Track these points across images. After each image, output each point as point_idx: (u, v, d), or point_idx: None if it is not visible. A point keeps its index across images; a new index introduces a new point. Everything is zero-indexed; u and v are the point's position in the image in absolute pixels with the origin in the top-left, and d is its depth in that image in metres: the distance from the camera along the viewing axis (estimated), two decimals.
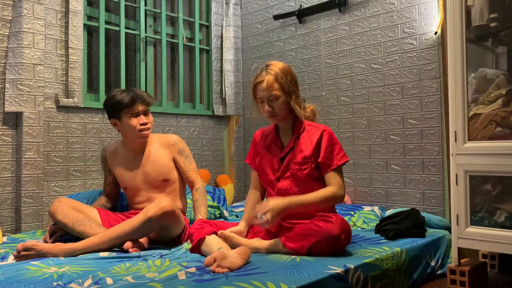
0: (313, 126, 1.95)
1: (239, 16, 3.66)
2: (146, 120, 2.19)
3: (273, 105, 1.88)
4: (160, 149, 2.26)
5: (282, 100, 1.87)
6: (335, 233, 1.68)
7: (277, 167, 1.95)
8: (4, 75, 2.44)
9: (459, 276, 1.91)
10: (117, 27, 3.01)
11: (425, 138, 2.61)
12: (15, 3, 2.46)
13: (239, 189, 3.59)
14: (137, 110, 2.16)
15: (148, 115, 2.22)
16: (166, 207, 1.89)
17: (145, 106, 2.19)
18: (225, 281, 1.40)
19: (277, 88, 1.86)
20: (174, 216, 1.94)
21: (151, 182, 2.22)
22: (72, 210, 2.02)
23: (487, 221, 1.87)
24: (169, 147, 2.27)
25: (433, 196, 2.57)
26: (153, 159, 2.24)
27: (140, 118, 2.17)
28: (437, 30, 2.53)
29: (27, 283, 1.42)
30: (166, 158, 2.26)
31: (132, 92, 2.18)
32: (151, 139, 2.28)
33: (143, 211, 1.90)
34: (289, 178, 1.92)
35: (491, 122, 1.88)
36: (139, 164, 2.24)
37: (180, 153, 2.29)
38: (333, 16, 3.05)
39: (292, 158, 1.92)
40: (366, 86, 2.87)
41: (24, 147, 2.46)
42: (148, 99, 2.21)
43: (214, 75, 3.52)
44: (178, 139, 2.32)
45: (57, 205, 2.03)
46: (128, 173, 2.24)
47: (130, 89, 2.21)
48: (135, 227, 1.87)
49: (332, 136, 1.91)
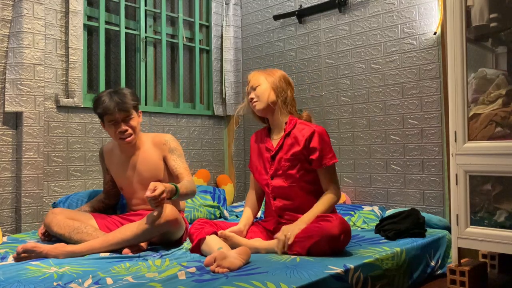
0: (304, 124, 1.98)
1: (239, 16, 3.66)
2: (125, 127, 2.09)
3: (255, 92, 1.98)
4: (152, 150, 2.20)
5: (263, 87, 1.97)
6: (335, 232, 1.68)
7: (269, 165, 1.98)
8: (4, 75, 2.44)
9: (459, 276, 1.91)
10: (117, 27, 3.01)
11: (425, 138, 2.61)
12: (15, 3, 2.46)
13: (239, 189, 3.59)
14: (115, 118, 2.08)
15: (129, 122, 2.10)
16: (169, 216, 1.87)
17: (124, 113, 2.08)
18: (225, 281, 1.40)
19: (261, 79, 2.00)
20: (176, 223, 1.93)
21: (145, 183, 2.17)
22: (66, 219, 2.00)
23: (487, 221, 1.87)
24: (161, 147, 2.19)
25: (433, 196, 2.57)
26: (145, 160, 2.19)
27: (118, 126, 2.09)
28: (436, 30, 2.53)
29: (27, 283, 1.42)
30: (158, 159, 2.19)
31: (114, 98, 2.06)
32: (144, 139, 2.23)
33: (145, 218, 1.88)
34: (282, 175, 1.95)
35: (491, 122, 1.88)
36: (132, 165, 2.20)
37: (171, 151, 2.18)
38: (333, 16, 3.05)
39: (283, 156, 1.95)
40: (366, 86, 2.87)
41: (24, 147, 2.46)
42: (127, 105, 2.08)
43: (214, 75, 3.53)
44: (171, 138, 2.23)
45: (51, 217, 2.02)
46: (122, 173, 2.22)
47: (114, 93, 2.10)
48: (137, 234, 1.85)
49: (323, 136, 1.93)
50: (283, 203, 1.96)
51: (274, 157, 1.98)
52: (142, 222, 1.87)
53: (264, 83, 1.98)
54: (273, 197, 1.98)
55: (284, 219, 1.95)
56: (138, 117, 2.18)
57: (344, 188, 2.92)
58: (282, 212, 1.96)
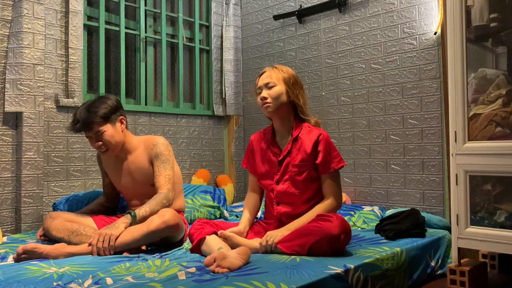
0: (310, 128, 1.96)
1: (239, 16, 3.66)
2: (97, 143, 2.06)
3: (269, 92, 1.92)
4: (143, 154, 2.16)
5: (278, 89, 1.91)
6: (335, 232, 1.68)
7: (276, 170, 1.96)
8: (4, 75, 2.44)
9: (459, 276, 1.91)
10: (117, 27, 3.01)
11: (425, 138, 2.60)
12: (15, 3, 2.46)
13: (239, 189, 3.59)
14: (87, 135, 2.08)
15: (101, 137, 2.05)
16: (170, 220, 1.87)
17: (91, 132, 2.05)
18: (225, 281, 1.40)
19: (277, 78, 1.93)
20: (177, 228, 1.92)
21: (140, 188, 2.17)
22: (65, 222, 1.99)
23: (487, 221, 1.87)
24: (149, 151, 2.14)
25: (433, 196, 2.57)
26: (135, 165, 2.16)
27: (92, 142, 2.09)
28: (436, 30, 2.53)
29: (27, 283, 1.42)
30: (147, 163, 2.15)
31: (82, 116, 2.02)
32: (137, 143, 2.19)
33: (146, 223, 1.87)
34: (288, 180, 1.93)
35: (491, 122, 1.88)
36: (125, 169, 2.19)
37: (156, 156, 2.11)
38: (333, 16, 3.05)
39: (290, 161, 1.93)
40: (366, 86, 2.87)
41: (24, 147, 2.46)
42: (91, 125, 2.02)
43: (214, 75, 3.52)
44: (160, 142, 2.15)
45: (49, 222, 2.02)
46: (118, 177, 2.21)
47: (86, 108, 2.05)
48: (137, 238, 1.84)
49: (329, 140, 1.92)
50: (286, 209, 1.94)
51: (281, 162, 1.95)
52: (143, 227, 1.86)
53: (281, 84, 1.92)
54: (276, 203, 1.96)
55: (284, 221, 1.94)
56: (114, 127, 2.10)
57: (344, 188, 2.91)
58: (284, 218, 1.95)
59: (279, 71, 1.95)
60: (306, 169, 1.91)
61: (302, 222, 1.83)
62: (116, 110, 2.13)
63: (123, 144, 2.16)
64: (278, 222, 1.96)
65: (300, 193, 1.91)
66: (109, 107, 2.09)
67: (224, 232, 1.81)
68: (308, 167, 1.91)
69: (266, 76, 1.95)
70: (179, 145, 3.25)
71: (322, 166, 1.90)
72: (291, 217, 1.91)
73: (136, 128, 2.99)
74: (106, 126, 2.07)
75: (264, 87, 1.94)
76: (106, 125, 2.07)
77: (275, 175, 1.96)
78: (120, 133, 2.12)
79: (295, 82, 1.96)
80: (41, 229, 2.11)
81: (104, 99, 2.12)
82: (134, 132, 2.94)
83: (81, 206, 2.38)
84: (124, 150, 2.17)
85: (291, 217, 1.91)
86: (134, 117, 2.99)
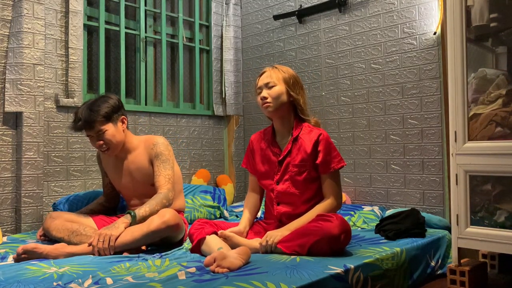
0: (310, 128, 1.96)
1: (239, 16, 3.66)
2: (99, 143, 2.06)
3: (269, 92, 1.92)
4: (143, 154, 2.16)
5: (278, 89, 1.92)
6: (335, 232, 1.68)
7: (276, 170, 1.96)
8: (4, 75, 2.44)
9: (459, 276, 1.91)
10: (117, 27, 3.01)
11: (425, 138, 2.61)
12: (15, 3, 2.46)
13: (239, 189, 3.59)
14: (88, 134, 2.08)
15: (102, 136, 2.05)
16: (170, 221, 1.86)
17: (93, 131, 2.05)
18: (225, 281, 1.40)
19: (277, 78, 1.93)
20: (177, 228, 1.92)
21: (139, 188, 2.17)
22: (65, 222, 1.99)
23: (487, 221, 1.87)
24: (149, 150, 2.14)
25: (433, 196, 2.57)
26: (136, 165, 2.16)
27: (93, 141, 2.08)
28: (436, 30, 2.53)
29: (27, 283, 1.42)
30: (147, 163, 2.15)
31: (84, 115, 2.02)
32: (137, 143, 2.19)
33: (146, 223, 1.87)
34: (288, 180, 1.93)
35: (491, 122, 1.88)
36: (125, 169, 2.18)
37: (156, 156, 2.11)
38: (333, 16, 3.05)
39: (291, 161, 1.93)
40: (366, 86, 2.87)
41: (24, 147, 2.46)
42: (93, 124, 2.02)
43: (214, 75, 3.53)
44: (160, 142, 2.15)
45: (49, 222, 2.02)
46: (118, 177, 2.21)
47: (87, 107, 2.05)
48: (137, 238, 1.84)
49: (329, 140, 1.92)
50: (286, 209, 1.94)
51: (282, 162, 1.95)
52: (143, 227, 1.86)
53: (281, 84, 1.93)
54: (276, 202, 1.96)
55: (284, 221, 1.94)
56: (116, 126, 2.10)
57: (344, 188, 2.91)
58: (284, 218, 1.95)
59: (279, 71, 1.96)
60: (306, 169, 1.91)
61: (302, 222, 1.83)
62: (118, 110, 2.13)
63: (124, 143, 2.16)
64: (278, 222, 1.96)
65: (300, 193, 1.92)
66: (111, 106, 2.09)
67: (224, 232, 1.81)
68: (308, 167, 1.91)
69: (266, 76, 1.96)
70: (179, 145, 3.25)
71: (322, 166, 1.90)
72: (291, 217, 1.91)
73: (136, 128, 2.99)
74: (107, 125, 2.07)
75: (264, 87, 1.94)
76: (107, 124, 2.07)
77: (275, 175, 1.96)
78: (121, 132, 2.12)
79: (295, 82, 1.96)
80: (41, 229, 2.11)
81: (106, 98, 2.12)
82: (134, 132, 2.94)
83: (81, 206, 2.38)
84: (124, 150, 2.17)
85: (291, 217, 1.91)
86: (134, 117, 2.99)
